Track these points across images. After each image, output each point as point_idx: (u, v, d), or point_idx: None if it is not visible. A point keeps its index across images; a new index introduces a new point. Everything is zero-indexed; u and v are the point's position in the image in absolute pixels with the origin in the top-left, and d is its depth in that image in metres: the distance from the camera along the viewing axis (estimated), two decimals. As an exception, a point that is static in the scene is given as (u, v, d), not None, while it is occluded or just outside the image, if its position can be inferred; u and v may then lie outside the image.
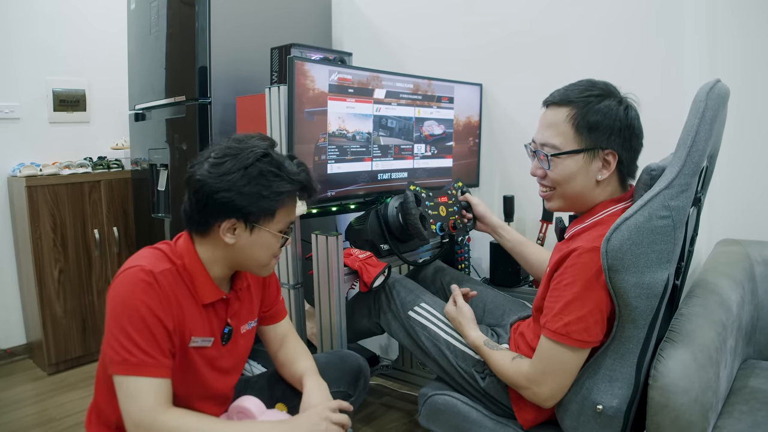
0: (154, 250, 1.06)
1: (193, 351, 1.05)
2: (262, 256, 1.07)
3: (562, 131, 1.10)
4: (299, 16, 2.29)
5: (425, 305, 1.40)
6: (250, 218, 1.02)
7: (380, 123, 1.70)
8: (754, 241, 1.59)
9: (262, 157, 1.02)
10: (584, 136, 1.08)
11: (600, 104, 1.07)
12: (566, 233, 1.18)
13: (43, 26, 2.60)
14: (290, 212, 1.08)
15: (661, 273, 0.98)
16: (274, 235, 1.06)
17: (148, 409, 0.94)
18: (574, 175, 1.10)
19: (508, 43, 1.98)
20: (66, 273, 2.48)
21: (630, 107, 1.10)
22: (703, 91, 1.00)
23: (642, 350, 1.02)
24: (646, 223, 0.96)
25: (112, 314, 0.97)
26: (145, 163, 2.35)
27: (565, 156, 1.10)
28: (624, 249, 0.96)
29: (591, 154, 1.08)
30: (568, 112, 1.09)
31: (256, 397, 1.09)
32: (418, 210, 1.52)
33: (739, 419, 1.11)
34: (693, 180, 0.99)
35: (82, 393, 2.27)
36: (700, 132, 0.97)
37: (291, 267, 1.55)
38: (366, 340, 1.97)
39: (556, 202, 1.16)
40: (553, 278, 1.08)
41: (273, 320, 1.27)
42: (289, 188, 1.03)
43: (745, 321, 1.35)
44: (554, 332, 1.03)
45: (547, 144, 1.12)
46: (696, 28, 1.63)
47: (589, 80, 1.13)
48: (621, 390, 1.03)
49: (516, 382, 1.13)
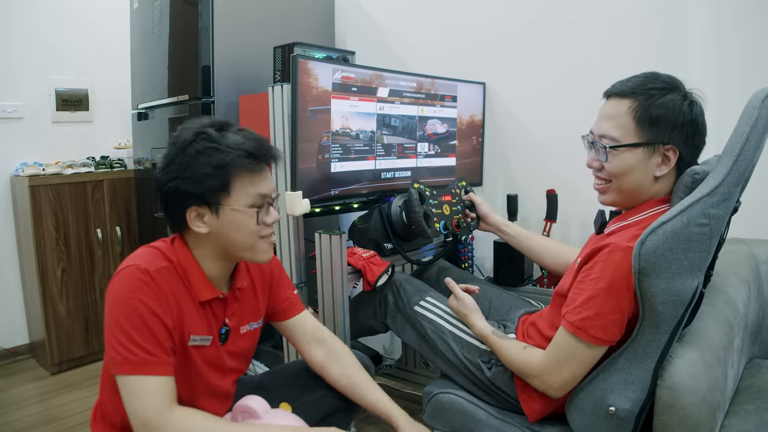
0: (150, 249, 1.05)
1: (192, 350, 1.05)
2: (242, 238, 1.03)
3: (622, 123, 1.06)
4: (302, 15, 2.29)
5: (431, 299, 1.40)
6: (207, 201, 1.00)
7: (383, 122, 1.69)
8: (759, 240, 1.58)
9: (197, 136, 0.99)
10: (645, 129, 1.04)
11: (663, 98, 1.04)
12: (606, 228, 1.16)
13: (46, 26, 2.61)
14: (251, 183, 1.02)
15: (691, 281, 0.95)
16: (242, 211, 1.01)
17: (154, 409, 0.93)
18: (632, 169, 1.07)
19: (512, 41, 1.97)
20: (69, 272, 2.48)
21: (695, 103, 1.05)
22: (758, 99, 0.94)
23: (661, 356, 1.00)
24: (684, 229, 0.92)
25: (111, 314, 0.96)
26: (148, 162, 2.35)
27: (624, 149, 1.06)
28: (658, 253, 0.93)
29: (651, 148, 1.05)
30: (630, 104, 1.06)
31: (260, 397, 1.08)
32: (422, 208, 1.51)
33: (746, 419, 1.11)
34: (736, 189, 0.95)
35: (85, 392, 2.27)
36: (750, 141, 0.93)
37: (294, 266, 1.55)
38: (369, 339, 1.97)
39: (611, 196, 1.13)
40: (582, 270, 1.06)
41: (287, 314, 1.24)
42: (231, 158, 0.98)
43: (751, 320, 1.34)
44: (571, 324, 1.03)
45: (606, 136, 1.08)
46: (699, 25, 1.62)
47: (654, 72, 1.09)
48: (635, 393, 1.02)
49: (527, 371, 1.12)
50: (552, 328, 1.13)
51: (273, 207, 1.07)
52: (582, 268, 1.07)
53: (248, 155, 1.00)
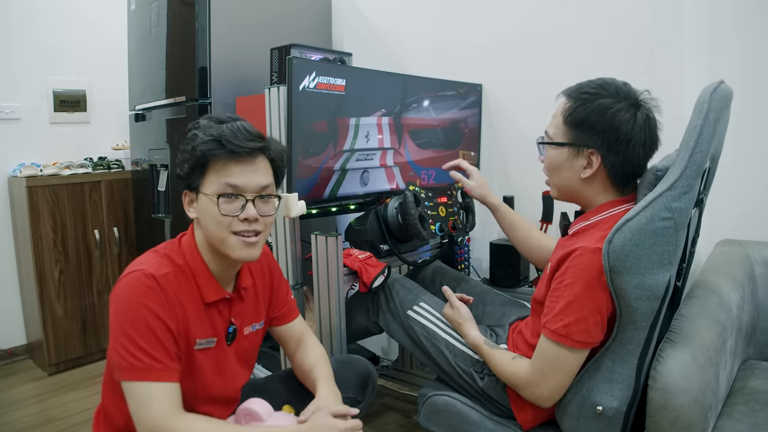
0: (155, 254, 1.05)
1: (198, 353, 1.05)
2: (211, 228, 1.02)
3: (556, 123, 1.13)
4: (299, 17, 2.29)
5: (424, 305, 1.40)
6: (190, 184, 1.04)
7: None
8: (754, 242, 1.58)
9: (194, 125, 1.05)
10: (571, 131, 1.09)
11: (593, 103, 1.06)
12: (570, 229, 1.18)
13: (44, 27, 2.61)
14: (224, 172, 1.00)
15: (662, 275, 0.98)
16: (209, 197, 1.01)
17: (160, 416, 0.93)
18: (559, 167, 1.13)
19: (508, 42, 1.98)
20: (66, 273, 2.48)
21: (637, 113, 1.05)
22: (707, 93, 0.99)
23: (642, 352, 1.02)
24: (648, 224, 0.96)
25: (116, 320, 0.96)
26: (146, 163, 2.35)
27: (552, 147, 1.13)
28: (626, 250, 0.96)
29: (575, 150, 1.10)
30: (564, 105, 1.11)
31: (263, 400, 1.08)
32: (418, 210, 1.52)
33: (739, 420, 1.11)
34: (696, 181, 0.98)
35: (83, 393, 2.27)
36: (703, 133, 0.97)
37: (291, 268, 1.55)
38: (366, 340, 1.97)
39: (552, 190, 1.20)
40: (555, 278, 1.08)
41: (284, 320, 1.26)
42: (199, 143, 1.01)
43: (745, 321, 1.35)
44: (554, 332, 1.03)
45: (546, 132, 1.16)
46: (696, 26, 1.63)
47: (604, 79, 1.10)
48: (621, 391, 1.03)
49: (515, 382, 1.13)
50: (535, 336, 1.14)
51: (254, 203, 1.02)
52: (554, 275, 1.08)
53: (217, 142, 1.00)
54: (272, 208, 1.07)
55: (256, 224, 1.03)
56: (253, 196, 1.03)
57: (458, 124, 1.96)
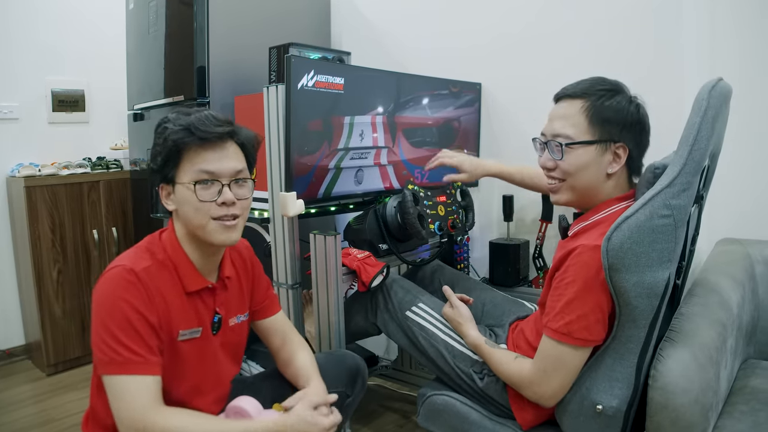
0: (136, 249, 1.06)
1: (182, 345, 1.05)
2: (191, 215, 1.04)
3: (576, 122, 1.10)
4: (298, 16, 2.29)
5: (423, 305, 1.39)
6: (165, 177, 1.04)
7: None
8: (754, 241, 1.58)
9: (162, 120, 1.06)
10: (597, 127, 1.09)
11: (612, 99, 1.09)
12: (570, 231, 1.17)
13: (43, 26, 2.60)
14: (198, 159, 1.03)
15: (661, 272, 0.97)
16: (186, 186, 1.02)
17: (139, 409, 0.93)
18: (586, 165, 1.10)
19: (507, 42, 1.97)
20: (65, 273, 2.47)
21: (640, 105, 1.12)
22: (705, 90, 0.99)
23: (642, 350, 1.02)
24: (647, 221, 0.95)
25: (97, 315, 0.97)
26: (144, 163, 2.34)
27: (578, 146, 1.10)
28: (625, 248, 0.95)
29: (603, 146, 1.09)
30: (582, 104, 1.10)
31: (252, 398, 1.08)
32: (416, 209, 1.51)
33: (740, 419, 1.11)
34: (695, 179, 0.98)
35: (81, 394, 2.26)
36: (702, 131, 0.97)
37: (289, 267, 1.54)
38: (365, 340, 1.96)
39: (564, 195, 1.15)
40: (555, 277, 1.08)
41: (267, 313, 1.26)
42: (170, 133, 1.02)
43: (745, 321, 1.35)
44: (556, 331, 1.03)
45: (561, 135, 1.11)
46: (696, 25, 1.63)
47: (600, 77, 1.14)
48: (621, 390, 1.03)
49: (518, 382, 1.13)
50: (538, 338, 1.13)
51: (229, 187, 1.04)
52: (555, 274, 1.08)
53: (187, 130, 1.02)
54: (248, 191, 1.10)
55: (234, 208, 1.05)
56: (228, 181, 1.05)
57: (452, 122, 1.96)
